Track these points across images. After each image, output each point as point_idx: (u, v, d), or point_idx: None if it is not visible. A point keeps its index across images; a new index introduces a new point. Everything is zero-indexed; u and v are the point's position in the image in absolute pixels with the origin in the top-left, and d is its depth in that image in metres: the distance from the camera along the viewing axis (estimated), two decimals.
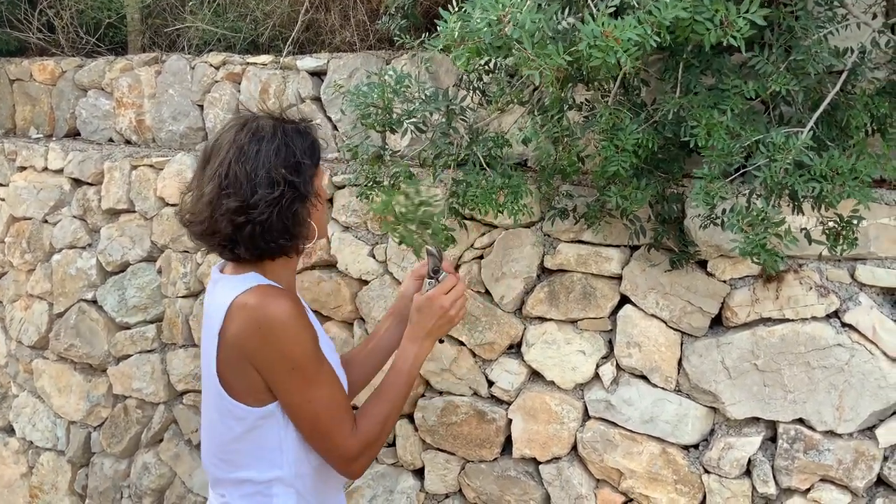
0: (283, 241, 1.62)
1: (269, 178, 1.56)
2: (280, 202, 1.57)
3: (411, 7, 2.91)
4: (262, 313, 1.55)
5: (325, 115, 3.16)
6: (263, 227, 1.58)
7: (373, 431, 1.67)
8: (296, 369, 1.58)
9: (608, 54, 1.53)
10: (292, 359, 1.57)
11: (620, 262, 2.38)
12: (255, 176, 1.56)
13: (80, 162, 3.64)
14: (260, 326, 1.55)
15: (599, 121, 2.02)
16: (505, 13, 1.53)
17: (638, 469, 2.37)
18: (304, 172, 1.61)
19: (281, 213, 1.58)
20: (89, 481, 3.70)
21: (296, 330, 1.56)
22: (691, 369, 2.28)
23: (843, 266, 2.14)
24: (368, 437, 1.67)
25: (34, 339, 3.81)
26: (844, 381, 2.10)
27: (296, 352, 1.57)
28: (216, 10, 3.82)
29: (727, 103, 1.90)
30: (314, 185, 1.65)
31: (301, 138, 1.64)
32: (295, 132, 1.64)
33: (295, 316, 1.56)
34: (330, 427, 1.63)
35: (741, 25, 1.59)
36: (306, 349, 1.58)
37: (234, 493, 1.70)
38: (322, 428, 1.63)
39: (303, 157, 1.62)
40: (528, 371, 2.57)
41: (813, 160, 1.74)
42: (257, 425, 1.63)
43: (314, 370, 1.60)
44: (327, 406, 1.62)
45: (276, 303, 1.56)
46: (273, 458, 1.66)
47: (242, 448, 1.66)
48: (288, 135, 1.62)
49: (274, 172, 1.57)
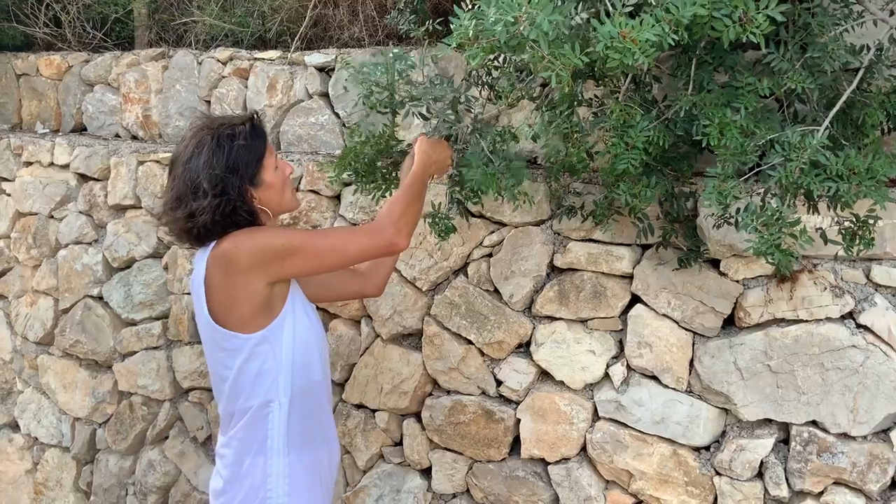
0: (231, 230, 1.93)
1: (202, 188, 1.88)
2: (216, 208, 1.89)
3: (420, 2, 2.88)
4: (242, 234, 1.91)
5: (333, 111, 3.14)
6: (208, 228, 1.91)
7: (395, 215, 2.00)
8: (295, 240, 1.92)
9: (625, 55, 1.51)
10: (286, 237, 1.95)
11: (631, 261, 2.36)
12: (195, 188, 1.89)
13: (86, 157, 3.62)
14: (243, 235, 1.90)
15: (610, 117, 1.99)
16: (522, 13, 1.50)
17: (648, 470, 2.34)
18: (232, 177, 1.91)
19: (220, 215, 1.90)
20: (94, 478, 3.69)
21: (262, 229, 1.95)
22: (703, 370, 2.25)
23: (858, 266, 2.11)
24: (398, 220, 2.00)
25: (40, 334, 3.79)
26: (859, 383, 2.07)
27: (274, 237, 1.93)
28: (223, 6, 3.80)
29: (741, 101, 1.87)
30: (258, 179, 1.96)
31: (229, 144, 1.93)
32: (228, 138, 1.93)
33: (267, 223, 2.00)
34: (357, 234, 2.06)
35: (761, 21, 1.56)
36: (280, 230, 2.03)
37: (238, 423, 2.00)
38: (351, 239, 2.00)
39: (233, 162, 1.91)
40: (537, 370, 2.54)
41: (829, 159, 1.72)
42: (253, 353, 1.95)
43: (305, 231, 2.09)
44: (340, 233, 2.16)
45: (240, 231, 1.91)
46: (270, 379, 1.97)
47: (246, 376, 1.97)
48: (221, 143, 1.93)
49: (206, 184, 1.88)
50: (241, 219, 1.93)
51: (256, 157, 1.96)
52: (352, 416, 2.91)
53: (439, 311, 2.69)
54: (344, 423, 2.92)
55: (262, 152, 1.97)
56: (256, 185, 1.96)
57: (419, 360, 2.72)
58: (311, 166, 2.95)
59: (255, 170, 1.95)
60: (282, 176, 2.03)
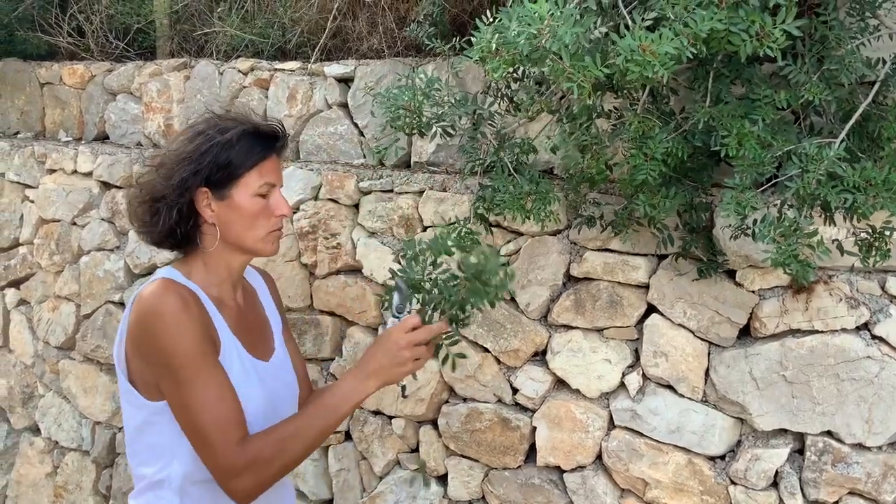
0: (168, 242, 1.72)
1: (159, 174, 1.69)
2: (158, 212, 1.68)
3: (440, 14, 2.92)
4: (147, 305, 1.59)
5: (352, 121, 3.18)
6: (151, 237, 1.73)
7: (264, 452, 1.57)
8: (171, 368, 1.57)
9: (645, 68, 1.54)
10: (169, 354, 1.57)
11: (648, 271, 2.38)
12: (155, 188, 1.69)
13: (109, 165, 3.68)
14: (144, 318, 1.59)
15: (628, 129, 2.02)
16: (544, 26, 1.53)
17: (663, 479, 2.36)
18: (179, 188, 1.66)
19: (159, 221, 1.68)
20: (113, 482, 3.73)
21: (176, 326, 1.57)
22: (719, 380, 2.27)
23: (873, 278, 2.12)
24: (257, 455, 1.56)
25: (61, 339, 3.85)
26: (874, 394, 2.09)
27: (173, 347, 1.56)
28: (244, 17, 3.85)
29: (758, 113, 1.89)
30: (225, 192, 1.67)
31: (207, 138, 1.67)
32: (215, 132, 1.67)
33: (178, 312, 1.57)
34: (209, 433, 1.56)
35: (777, 36, 1.59)
36: (186, 347, 1.56)
37: (136, 485, 1.72)
38: (201, 433, 1.57)
39: (199, 156, 1.66)
40: (552, 379, 2.57)
41: (845, 171, 1.73)
42: (153, 420, 1.65)
43: (194, 370, 1.56)
44: (209, 412, 1.57)
45: (163, 297, 1.59)
46: (165, 459, 1.66)
47: (141, 440, 1.68)
48: (200, 133, 1.68)
49: (161, 187, 1.68)
50: (179, 227, 1.69)
51: (236, 165, 1.67)
52: (369, 423, 2.94)
53: None
54: (361, 429, 2.95)
55: (244, 164, 1.68)
56: (221, 198, 1.68)
57: (436, 367, 2.75)
58: (329, 175, 2.98)
59: (224, 178, 1.67)
60: (261, 208, 1.70)
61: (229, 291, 1.77)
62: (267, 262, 3.15)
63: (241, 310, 1.79)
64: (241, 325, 1.76)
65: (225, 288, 1.76)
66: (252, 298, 1.89)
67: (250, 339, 1.77)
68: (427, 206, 2.76)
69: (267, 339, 1.85)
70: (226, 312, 1.72)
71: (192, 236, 1.72)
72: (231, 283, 1.77)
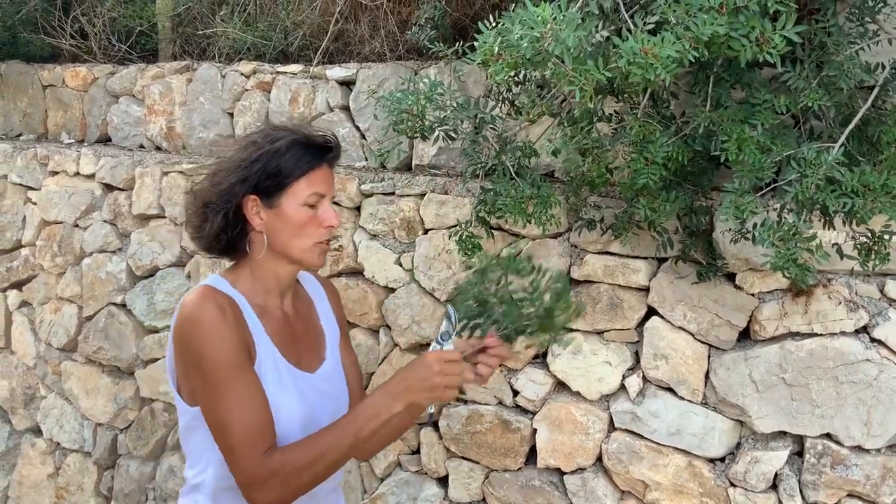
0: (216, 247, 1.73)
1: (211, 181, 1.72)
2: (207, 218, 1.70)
3: (441, 18, 2.94)
4: (186, 312, 1.61)
5: (354, 124, 3.19)
6: (200, 243, 1.75)
7: (288, 465, 1.57)
8: (205, 374, 1.58)
9: (647, 70, 1.55)
10: (202, 362, 1.58)
11: (648, 274, 2.39)
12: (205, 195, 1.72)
13: (111, 167, 3.69)
14: (183, 326, 1.61)
15: (629, 133, 2.03)
16: (547, 29, 1.55)
17: (663, 481, 2.37)
18: (226, 194, 1.68)
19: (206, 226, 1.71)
20: (115, 483, 3.74)
21: (211, 334, 1.58)
22: (718, 382, 2.28)
23: (872, 281, 2.14)
24: (280, 469, 1.56)
25: (63, 341, 3.86)
26: (873, 397, 2.10)
27: (206, 356, 1.58)
28: (246, 20, 3.87)
29: (758, 118, 1.90)
30: (275, 200, 1.68)
31: (256, 147, 1.69)
32: (266, 141, 1.69)
33: (214, 320, 1.59)
34: (235, 442, 1.58)
35: (777, 42, 1.60)
36: (219, 355, 1.57)
37: (185, 484, 1.76)
38: (229, 442, 1.59)
39: (249, 165, 1.67)
40: (553, 381, 2.58)
41: (844, 176, 1.75)
42: (192, 425, 1.67)
43: (226, 379, 1.58)
44: (237, 421, 1.58)
45: (201, 305, 1.61)
46: (201, 464, 1.69)
47: (187, 443, 1.73)
48: (253, 143, 1.70)
49: (209, 193, 1.71)
50: (226, 233, 1.71)
51: (285, 174, 1.67)
52: None
53: None
54: None
55: (293, 173, 1.68)
56: (269, 206, 1.69)
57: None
58: None
59: (273, 187, 1.68)
60: (308, 218, 1.69)
61: (276, 300, 1.77)
62: None
63: (287, 319, 1.78)
64: (286, 334, 1.76)
65: (272, 296, 1.76)
66: (307, 308, 1.88)
67: (295, 349, 1.76)
68: (428, 208, 2.77)
69: (316, 350, 1.84)
70: (269, 321, 1.72)
71: (241, 243, 1.74)
72: (279, 291, 1.77)
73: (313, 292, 1.93)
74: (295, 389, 1.70)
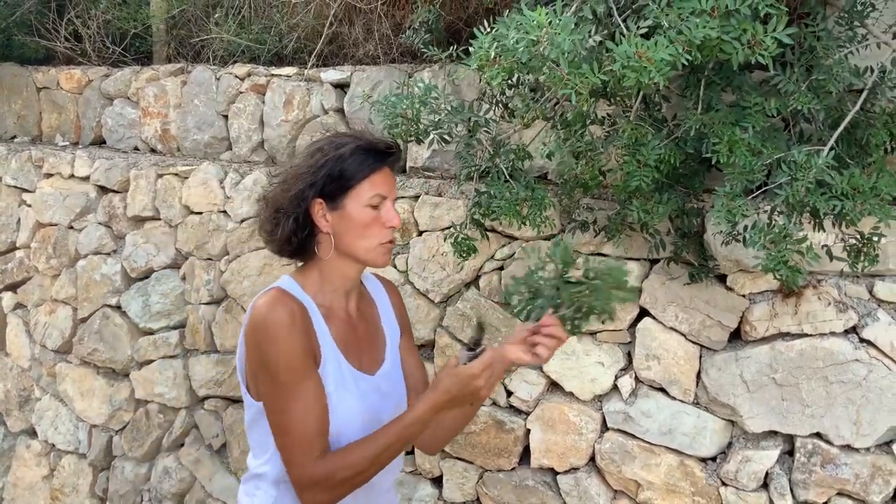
0: (287, 249, 1.79)
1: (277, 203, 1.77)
2: (279, 223, 1.75)
3: (435, 22, 2.95)
4: (257, 315, 1.68)
5: (349, 126, 3.21)
6: (273, 246, 1.80)
7: (339, 470, 1.63)
8: (271, 375, 1.65)
9: (642, 74, 1.57)
10: (269, 364, 1.65)
11: (640, 276, 2.41)
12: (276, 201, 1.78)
13: (106, 170, 3.70)
14: (254, 328, 1.67)
15: (622, 136, 2.05)
16: (543, 34, 1.57)
17: (656, 481, 2.39)
18: (296, 199, 1.73)
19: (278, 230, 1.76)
20: (110, 485, 3.75)
21: (280, 338, 1.65)
22: (710, 382, 2.30)
23: (861, 282, 2.16)
24: (332, 472, 1.63)
25: (58, 343, 3.86)
26: (862, 397, 2.12)
27: (274, 359, 1.65)
28: (241, 23, 3.88)
29: (749, 120, 1.93)
30: (339, 202, 1.73)
31: (322, 154, 1.75)
32: (330, 147, 1.75)
33: (284, 325, 1.65)
34: (293, 444, 1.66)
35: (769, 44, 1.62)
36: (285, 359, 1.64)
37: (248, 471, 1.84)
38: (286, 442, 1.67)
39: (316, 170, 1.73)
40: (546, 382, 2.60)
41: (834, 178, 1.77)
42: (257, 418, 1.74)
43: (290, 382, 1.65)
44: (296, 422, 1.65)
45: (272, 309, 1.67)
46: (265, 456, 1.76)
47: (252, 434, 1.79)
48: (320, 150, 1.76)
49: (281, 199, 1.76)
50: (296, 236, 1.76)
51: (348, 177, 1.73)
52: None
53: (451, 322, 2.75)
54: None
55: (356, 175, 1.73)
56: (335, 208, 1.74)
57: (431, 370, 2.78)
58: None
59: (338, 189, 1.73)
60: (372, 218, 1.74)
61: (341, 301, 1.82)
62: (264, 265, 3.18)
63: (351, 321, 1.84)
64: (349, 336, 1.81)
65: (337, 297, 1.82)
66: (369, 309, 1.93)
67: (357, 350, 1.82)
68: (423, 210, 2.79)
69: (376, 352, 1.88)
70: (334, 323, 1.78)
71: (310, 246, 1.80)
72: (344, 291, 1.83)
73: (375, 294, 1.97)
74: (356, 391, 1.76)
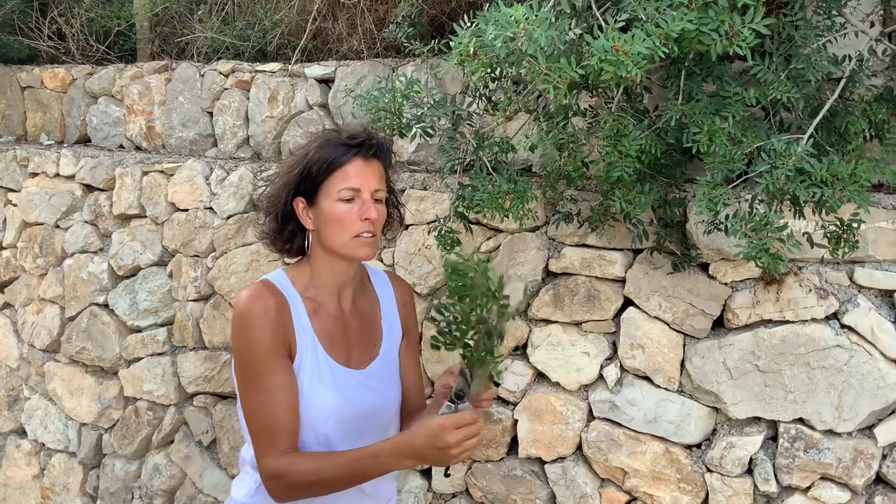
0: (284, 248, 1.85)
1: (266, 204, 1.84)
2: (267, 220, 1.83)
3: (418, 16, 2.96)
4: (236, 306, 1.72)
5: (333, 121, 3.21)
6: (265, 244, 1.87)
7: (292, 472, 1.64)
8: (240, 364, 1.70)
9: (619, 67, 1.59)
10: (238, 353, 1.71)
11: (624, 266, 2.43)
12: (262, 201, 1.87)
13: (91, 168, 3.70)
14: (233, 319, 1.73)
15: (603, 127, 2.07)
16: (520, 29, 1.58)
17: (642, 468, 2.42)
18: (275, 198, 1.79)
19: (267, 228, 1.84)
20: (100, 482, 3.75)
21: (252, 329, 1.68)
22: (694, 370, 2.33)
23: (842, 269, 2.19)
24: (286, 472, 1.64)
25: (46, 342, 3.86)
26: (844, 382, 2.15)
27: (242, 348, 1.69)
28: (224, 19, 3.87)
29: (729, 110, 1.95)
30: (314, 199, 1.75)
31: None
32: (293, 166, 1.79)
33: (255, 316, 1.68)
34: (257, 434, 1.69)
35: (746, 35, 1.64)
36: (255, 351, 1.68)
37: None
38: (253, 429, 1.70)
39: (281, 184, 1.79)
40: (533, 372, 2.62)
41: (814, 166, 1.79)
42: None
43: (257, 373, 1.68)
44: (261, 413, 1.68)
45: (248, 300, 1.70)
46: (248, 440, 1.79)
47: (242, 424, 1.81)
48: (284, 169, 1.81)
49: (268, 200, 1.83)
50: (282, 234, 1.81)
51: (315, 174, 1.74)
52: None
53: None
54: None
55: (321, 171, 1.74)
56: (313, 205, 1.76)
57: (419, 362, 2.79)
58: None
59: (311, 187, 1.75)
60: (343, 212, 1.72)
61: (332, 296, 1.82)
62: (251, 261, 3.18)
63: (342, 316, 1.83)
64: (337, 331, 1.80)
65: (328, 292, 1.81)
66: (369, 305, 1.91)
67: (345, 345, 1.81)
68: (408, 204, 2.80)
69: (369, 348, 1.86)
70: (320, 318, 1.78)
71: (301, 242, 1.84)
72: (336, 286, 1.82)
73: (382, 293, 1.95)
74: (334, 384, 1.75)
